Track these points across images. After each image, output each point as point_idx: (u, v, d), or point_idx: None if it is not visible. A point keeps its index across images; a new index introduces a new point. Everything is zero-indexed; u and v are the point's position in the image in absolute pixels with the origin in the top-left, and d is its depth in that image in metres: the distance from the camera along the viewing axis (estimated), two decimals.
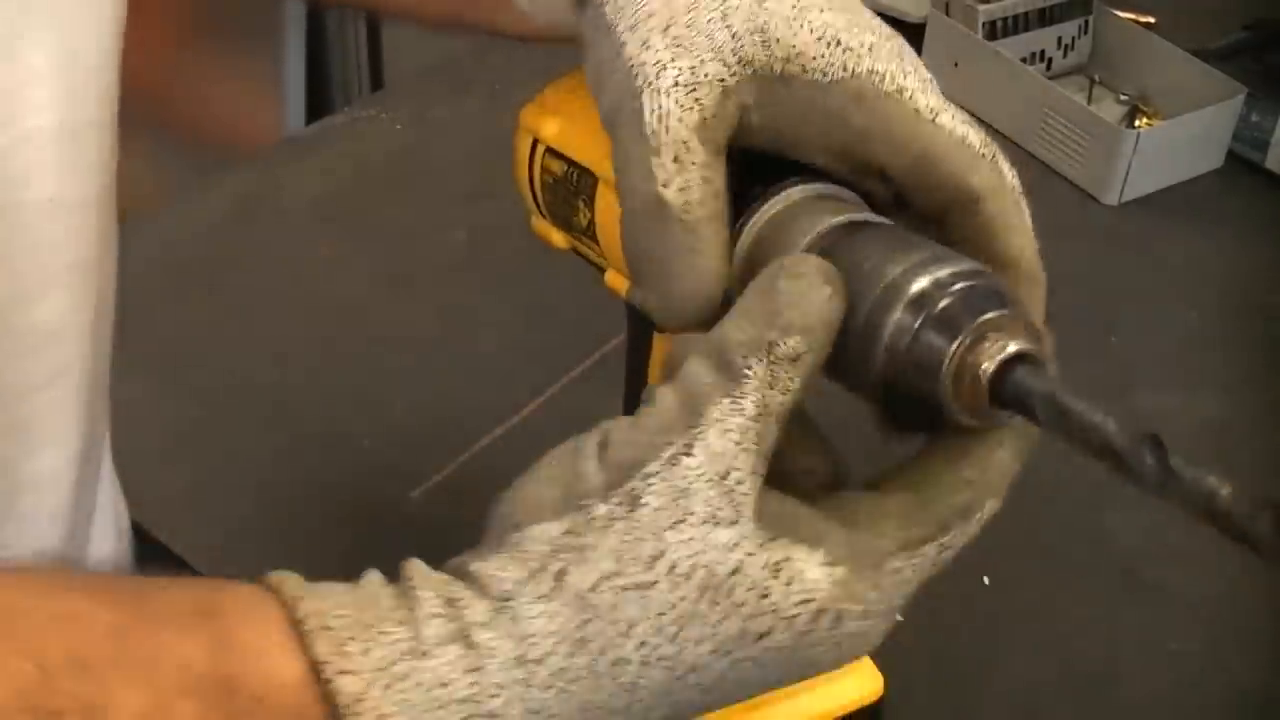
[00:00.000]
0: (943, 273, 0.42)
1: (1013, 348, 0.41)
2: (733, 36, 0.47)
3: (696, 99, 0.46)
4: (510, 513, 0.43)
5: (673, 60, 0.47)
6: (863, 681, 0.63)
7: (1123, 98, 1.14)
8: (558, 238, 0.57)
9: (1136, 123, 1.12)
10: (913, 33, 1.16)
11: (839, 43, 0.47)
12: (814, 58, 0.47)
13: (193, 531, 0.80)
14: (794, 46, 0.47)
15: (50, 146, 0.53)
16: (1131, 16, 1.18)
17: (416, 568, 0.43)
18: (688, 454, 0.41)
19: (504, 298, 0.96)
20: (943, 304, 0.42)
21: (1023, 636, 0.78)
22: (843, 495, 0.45)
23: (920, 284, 0.42)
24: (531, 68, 0.57)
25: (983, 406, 0.42)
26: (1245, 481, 0.37)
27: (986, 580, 0.80)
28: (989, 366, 0.41)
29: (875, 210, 0.48)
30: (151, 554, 0.78)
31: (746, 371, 0.42)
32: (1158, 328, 0.98)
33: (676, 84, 0.46)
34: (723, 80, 0.47)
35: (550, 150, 0.55)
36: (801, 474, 0.45)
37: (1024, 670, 0.76)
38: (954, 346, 0.42)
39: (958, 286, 0.42)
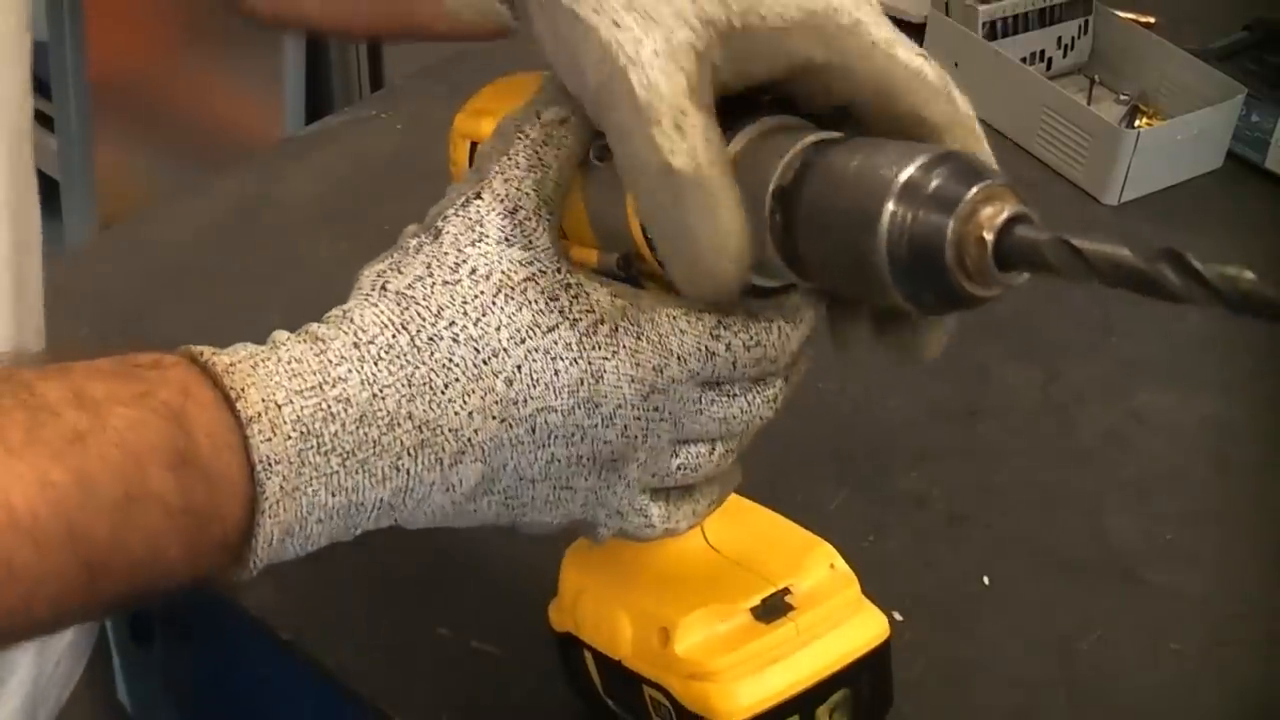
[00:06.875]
0: (924, 158, 0.44)
1: (1008, 211, 0.43)
2: (692, 0, 0.48)
3: (680, 66, 0.47)
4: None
5: (647, 34, 0.48)
6: (867, 625, 0.61)
7: (1123, 98, 1.14)
8: None
9: (1136, 123, 1.12)
10: (913, 33, 1.16)
11: None
12: (770, 4, 0.48)
13: None
14: None
15: None
16: (1131, 16, 1.18)
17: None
18: (478, 196, 0.50)
19: None
20: (933, 185, 0.44)
21: (1023, 636, 0.78)
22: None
23: (907, 172, 0.44)
24: (529, 67, 0.57)
25: (989, 272, 0.43)
26: (1245, 482, 0.37)
27: (986, 580, 0.80)
28: (990, 233, 0.43)
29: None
30: None
31: (518, 135, 0.51)
32: (1158, 328, 0.97)
33: (657, 54, 0.47)
34: (694, 45, 0.48)
35: None
36: None
37: (1024, 670, 0.76)
38: (952, 221, 0.43)
39: (942, 169, 0.44)
